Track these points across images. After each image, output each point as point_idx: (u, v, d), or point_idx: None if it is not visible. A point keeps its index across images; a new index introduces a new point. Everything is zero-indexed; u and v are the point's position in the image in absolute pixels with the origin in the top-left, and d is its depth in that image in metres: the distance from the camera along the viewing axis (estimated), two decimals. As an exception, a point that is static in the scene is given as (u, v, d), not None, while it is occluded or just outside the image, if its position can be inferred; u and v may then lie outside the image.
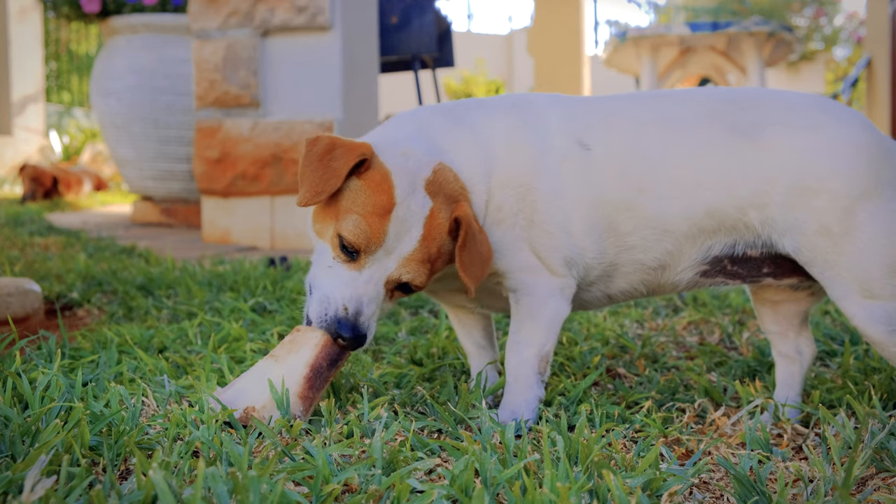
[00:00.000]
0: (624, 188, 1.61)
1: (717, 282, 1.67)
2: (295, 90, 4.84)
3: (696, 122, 1.61)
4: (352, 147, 1.53)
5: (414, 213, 1.52)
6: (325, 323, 1.52)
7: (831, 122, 1.55)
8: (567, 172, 1.62)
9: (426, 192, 1.53)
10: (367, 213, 1.50)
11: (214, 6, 4.83)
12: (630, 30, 7.73)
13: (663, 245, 1.62)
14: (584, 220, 1.62)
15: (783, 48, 7.86)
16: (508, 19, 41.90)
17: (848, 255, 1.50)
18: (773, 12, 13.74)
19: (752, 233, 1.58)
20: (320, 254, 1.58)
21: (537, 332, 1.65)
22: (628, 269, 1.67)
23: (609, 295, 1.74)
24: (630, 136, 1.63)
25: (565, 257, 1.64)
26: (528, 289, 1.65)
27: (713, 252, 1.62)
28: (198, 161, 4.97)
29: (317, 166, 1.51)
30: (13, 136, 11.64)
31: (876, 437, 1.40)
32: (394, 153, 1.56)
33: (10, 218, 5.97)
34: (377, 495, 1.17)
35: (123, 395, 1.58)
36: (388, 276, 1.53)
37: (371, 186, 1.51)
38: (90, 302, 2.82)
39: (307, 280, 1.61)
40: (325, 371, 1.52)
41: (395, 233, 1.51)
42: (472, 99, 1.78)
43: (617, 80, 15.01)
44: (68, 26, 14.18)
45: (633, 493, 1.17)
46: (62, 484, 1.12)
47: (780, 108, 1.59)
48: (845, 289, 1.52)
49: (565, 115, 1.67)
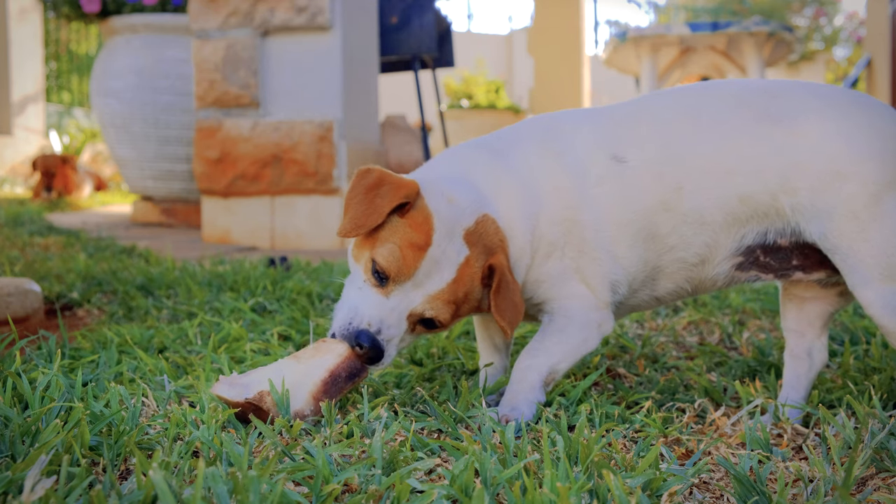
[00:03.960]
0: (662, 190, 1.64)
1: (751, 276, 1.69)
2: (295, 90, 4.84)
3: (724, 110, 1.64)
4: (399, 186, 1.55)
5: (449, 257, 1.56)
6: (348, 332, 1.56)
7: (864, 112, 1.58)
8: (607, 194, 1.66)
9: (464, 240, 1.58)
10: (403, 245, 1.54)
11: (214, 6, 4.83)
12: (630, 30, 7.73)
13: (701, 238, 1.66)
14: (628, 237, 1.66)
15: (783, 48, 7.86)
16: (508, 19, 41.94)
17: (872, 241, 1.53)
18: (773, 12, 13.73)
19: (782, 219, 1.61)
20: (354, 276, 1.62)
21: (559, 349, 1.68)
22: (672, 269, 1.71)
23: (657, 297, 1.78)
24: (660, 136, 1.66)
25: (611, 281, 1.69)
26: (568, 312, 1.70)
27: (746, 241, 1.65)
28: (198, 161, 4.97)
29: (362, 199, 1.55)
30: (13, 136, 11.65)
31: (876, 437, 1.39)
32: (439, 197, 1.59)
33: (10, 218, 5.97)
34: (377, 495, 1.17)
35: (123, 395, 1.58)
36: (411, 309, 1.57)
37: (412, 225, 1.55)
38: (90, 302, 2.82)
39: (337, 305, 1.64)
40: (342, 382, 1.54)
41: (426, 270, 1.55)
42: (506, 131, 1.80)
43: (617, 80, 15.01)
44: (68, 26, 14.19)
45: (633, 493, 1.17)
46: (62, 484, 1.12)
47: (812, 96, 1.61)
48: (866, 275, 1.54)
49: (595, 133, 1.70)
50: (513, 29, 18.78)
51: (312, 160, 4.79)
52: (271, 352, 2.05)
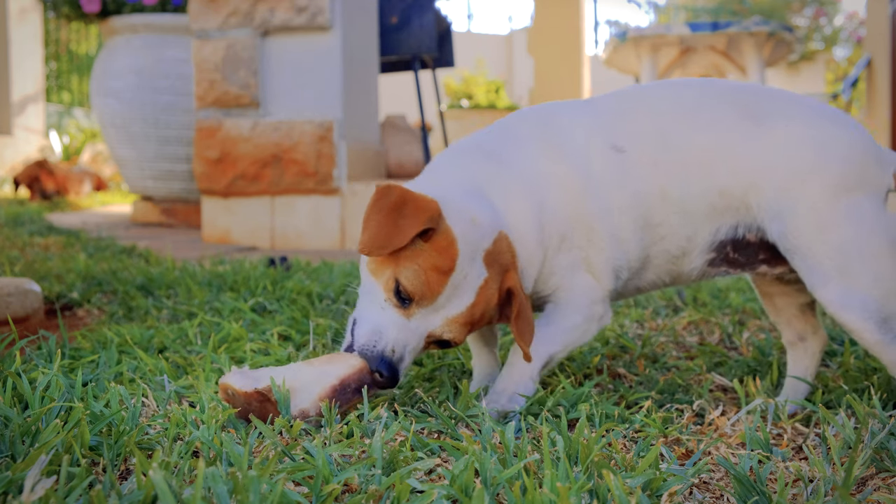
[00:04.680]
0: (658, 178, 1.68)
1: (721, 271, 1.75)
2: (295, 90, 4.84)
3: (715, 106, 1.69)
4: (422, 208, 1.53)
5: (469, 282, 1.57)
6: (371, 354, 1.55)
7: (829, 121, 1.66)
8: (610, 183, 1.69)
9: (484, 262, 1.59)
10: (427, 269, 1.54)
11: (214, 6, 4.83)
12: (630, 30, 7.73)
13: (685, 231, 1.71)
14: (630, 221, 1.70)
15: (783, 48, 7.86)
16: (508, 19, 41.91)
17: (830, 242, 1.59)
18: (773, 12, 13.73)
19: (750, 215, 1.67)
20: (371, 291, 1.60)
21: (561, 339, 1.71)
22: (658, 260, 1.75)
23: (639, 287, 1.82)
24: (655, 126, 1.70)
25: (615, 267, 1.72)
26: (573, 303, 1.73)
27: (719, 236, 1.71)
28: (198, 161, 4.97)
29: (384, 219, 1.52)
30: (13, 136, 11.64)
31: (876, 437, 1.40)
32: (462, 219, 1.58)
33: (10, 218, 5.97)
34: (377, 495, 1.17)
35: (123, 395, 1.58)
36: (430, 331, 1.58)
37: (436, 249, 1.54)
38: (90, 302, 2.82)
39: (352, 317, 1.63)
40: (350, 393, 1.55)
41: (447, 295, 1.56)
42: (499, 130, 1.79)
43: (617, 80, 15.01)
44: (68, 26, 14.19)
45: (633, 493, 1.17)
46: (62, 484, 1.12)
47: (790, 102, 1.69)
48: (824, 276, 1.60)
49: (593, 124, 1.72)
50: (513, 29, 18.78)
51: (312, 160, 4.79)
52: (271, 352, 2.05)
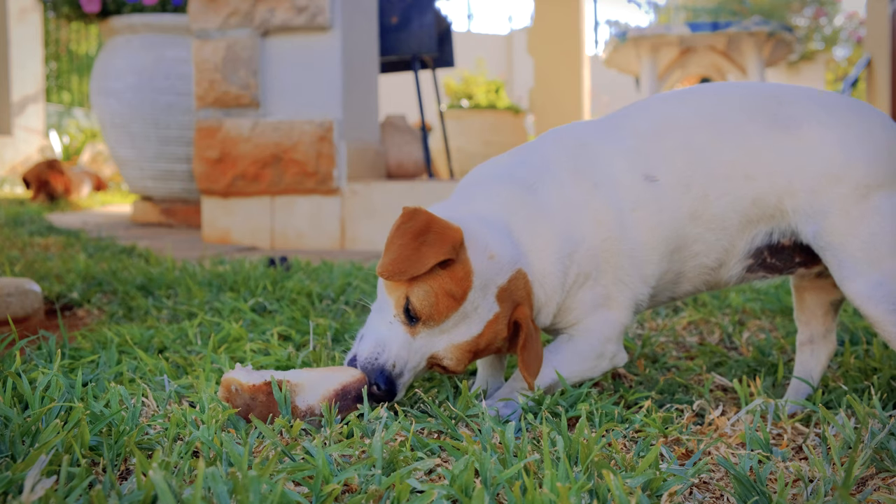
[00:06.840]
0: (690, 202, 1.70)
1: (759, 276, 1.79)
2: (295, 90, 4.84)
3: (741, 117, 1.71)
4: (445, 236, 1.55)
5: (480, 314, 1.59)
6: (371, 366, 1.58)
7: (860, 120, 1.69)
8: (642, 220, 1.70)
9: (496, 298, 1.60)
10: (439, 292, 1.56)
11: (214, 6, 4.83)
12: (630, 30, 7.73)
13: (722, 244, 1.73)
14: (657, 255, 1.71)
15: (783, 48, 7.86)
16: (508, 19, 41.96)
17: (860, 236, 1.63)
18: (773, 12, 13.73)
19: (785, 220, 1.70)
20: (383, 308, 1.63)
21: (568, 369, 1.73)
22: (693, 273, 1.77)
23: (673, 297, 1.84)
24: (686, 148, 1.71)
25: (637, 301, 1.74)
26: (590, 339, 1.74)
27: (756, 243, 1.73)
28: (198, 161, 4.97)
29: (407, 244, 1.54)
30: (13, 136, 11.64)
31: (876, 437, 1.40)
32: (481, 253, 1.59)
33: (10, 218, 5.97)
34: (377, 495, 1.17)
35: (123, 396, 1.58)
36: (433, 353, 1.60)
37: (451, 277, 1.56)
38: (90, 302, 2.82)
39: (361, 332, 1.65)
40: (350, 400, 1.57)
41: (454, 321, 1.58)
42: (531, 156, 1.78)
43: (617, 81, 15.01)
44: (68, 26, 14.19)
45: (633, 493, 1.17)
46: (62, 484, 1.12)
47: (815, 104, 1.71)
48: (854, 270, 1.63)
49: (624, 152, 1.72)
50: (513, 29, 18.79)
51: (312, 160, 4.79)
52: (271, 352, 2.05)
